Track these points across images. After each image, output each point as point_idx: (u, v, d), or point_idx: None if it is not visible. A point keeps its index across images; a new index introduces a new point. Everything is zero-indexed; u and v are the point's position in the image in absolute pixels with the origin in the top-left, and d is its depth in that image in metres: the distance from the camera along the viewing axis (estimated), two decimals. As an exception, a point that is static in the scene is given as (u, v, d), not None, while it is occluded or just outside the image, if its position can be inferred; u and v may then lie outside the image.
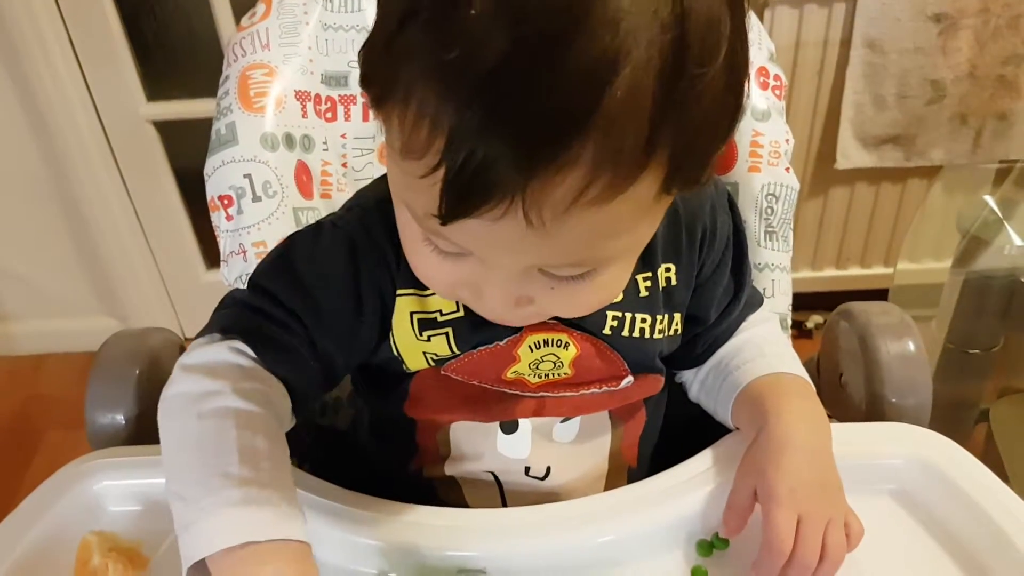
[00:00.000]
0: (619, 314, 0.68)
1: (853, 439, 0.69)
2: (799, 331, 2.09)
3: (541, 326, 0.66)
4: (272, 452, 0.57)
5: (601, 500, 0.68)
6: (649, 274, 0.68)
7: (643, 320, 0.69)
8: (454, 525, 0.65)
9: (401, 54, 0.44)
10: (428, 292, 0.65)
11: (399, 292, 0.66)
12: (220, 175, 0.85)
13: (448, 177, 0.43)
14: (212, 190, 0.86)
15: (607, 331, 0.68)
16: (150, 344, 0.86)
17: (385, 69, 0.46)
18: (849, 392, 0.84)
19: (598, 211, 0.45)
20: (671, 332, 0.72)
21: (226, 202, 0.85)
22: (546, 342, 0.67)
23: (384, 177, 0.69)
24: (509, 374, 0.68)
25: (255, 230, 0.85)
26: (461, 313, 0.66)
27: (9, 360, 2.28)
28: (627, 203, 0.46)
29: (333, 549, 0.64)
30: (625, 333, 0.69)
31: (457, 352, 0.67)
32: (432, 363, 0.68)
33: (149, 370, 0.83)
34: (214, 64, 0.93)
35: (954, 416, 1.44)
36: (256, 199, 0.85)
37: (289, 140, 0.87)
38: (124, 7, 1.84)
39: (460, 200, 0.44)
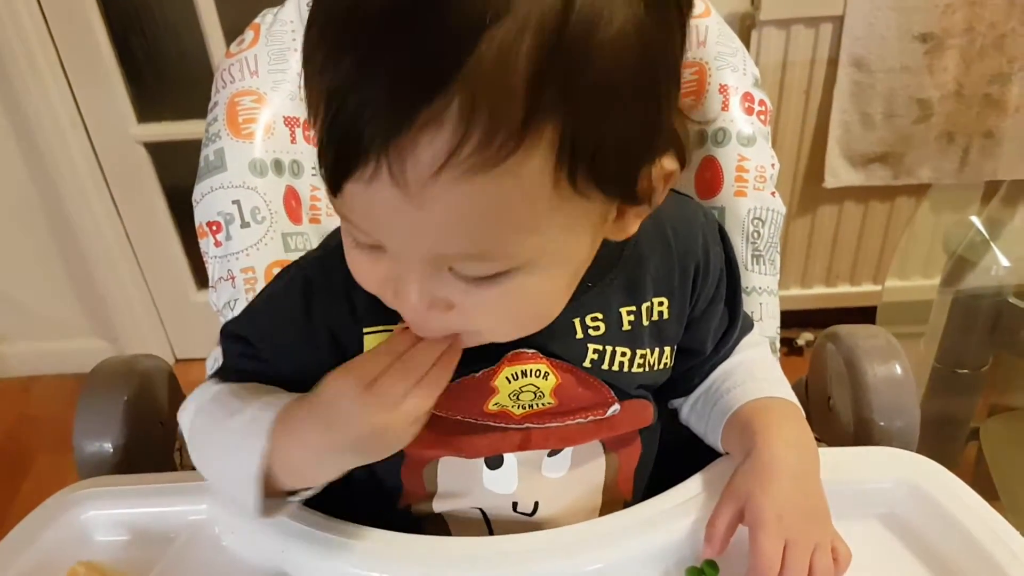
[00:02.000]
0: (600, 347, 0.67)
1: (841, 463, 0.70)
2: (789, 348, 2.09)
3: (518, 357, 0.65)
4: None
5: (590, 527, 0.67)
6: (633, 308, 0.68)
7: (623, 354, 0.68)
8: (446, 555, 0.65)
9: (309, 24, 0.45)
10: (399, 326, 0.64)
11: (366, 331, 0.65)
12: (208, 201, 0.85)
13: (324, 132, 0.43)
14: (201, 216, 0.86)
15: (587, 364, 0.67)
16: (139, 371, 0.86)
17: (303, 45, 0.47)
18: (837, 415, 0.85)
19: (474, 184, 0.43)
20: (660, 366, 0.72)
21: (215, 228, 0.85)
22: (524, 373, 0.66)
23: None
24: (491, 406, 0.67)
25: (244, 256, 0.85)
26: None
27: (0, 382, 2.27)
28: (512, 183, 0.44)
29: (321, 578, 0.64)
30: (605, 367, 0.68)
31: None
32: None
33: (137, 398, 0.83)
34: (205, 85, 0.93)
35: (944, 435, 1.45)
36: (245, 225, 0.85)
37: (278, 166, 0.88)
38: (114, 28, 1.84)
39: (335, 159, 0.44)
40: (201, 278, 2.20)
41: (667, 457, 0.78)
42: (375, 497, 0.74)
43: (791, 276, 2.09)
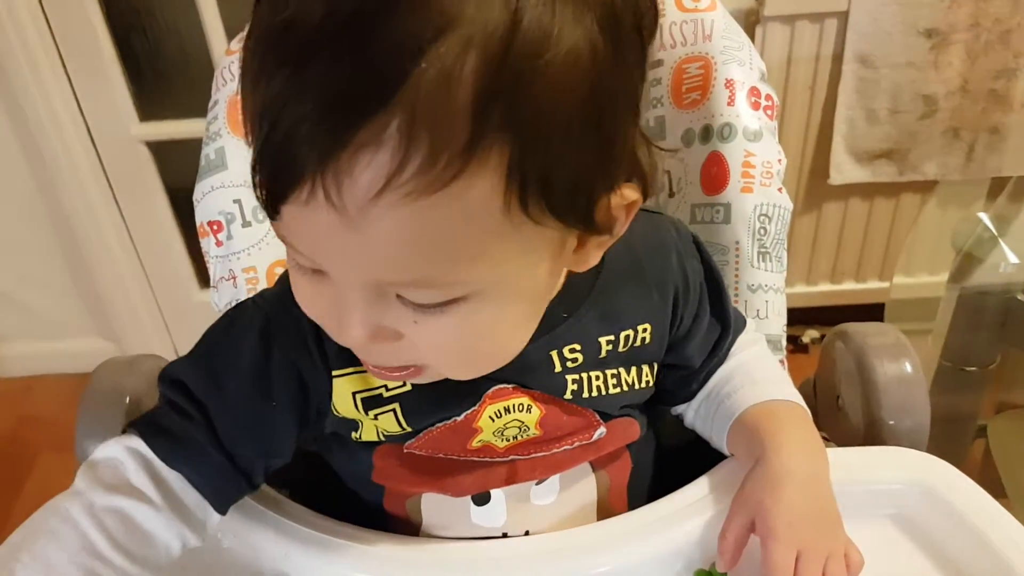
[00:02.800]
0: (578, 376, 0.66)
1: (851, 463, 0.69)
2: (795, 346, 2.08)
3: (500, 393, 0.64)
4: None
5: (596, 530, 0.67)
6: (612, 336, 0.66)
7: (597, 377, 0.67)
8: (448, 558, 0.65)
9: (249, 34, 0.43)
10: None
11: (335, 374, 0.62)
12: (209, 201, 0.85)
13: (257, 151, 0.41)
14: (201, 216, 0.86)
15: (568, 396, 0.66)
16: (141, 372, 0.85)
17: (240, 57, 0.44)
18: (846, 414, 0.84)
19: (416, 208, 0.41)
20: (641, 384, 0.70)
21: (216, 228, 0.85)
22: (507, 409, 0.64)
23: None
24: (474, 444, 0.65)
25: (245, 255, 0.85)
26: (408, 387, 0.62)
27: (1, 382, 2.26)
28: (458, 207, 0.42)
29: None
30: (585, 395, 0.66)
31: (408, 429, 0.64)
32: (384, 438, 0.65)
33: (139, 397, 0.82)
34: (207, 84, 0.92)
35: (951, 432, 1.44)
36: (246, 224, 0.85)
37: (279, 165, 0.87)
38: (115, 27, 1.83)
39: (270, 177, 0.42)
40: (204, 277, 2.20)
41: (672, 460, 0.77)
42: (362, 508, 0.72)
43: (796, 273, 2.08)
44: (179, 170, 1.99)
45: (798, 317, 1.36)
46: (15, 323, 2.23)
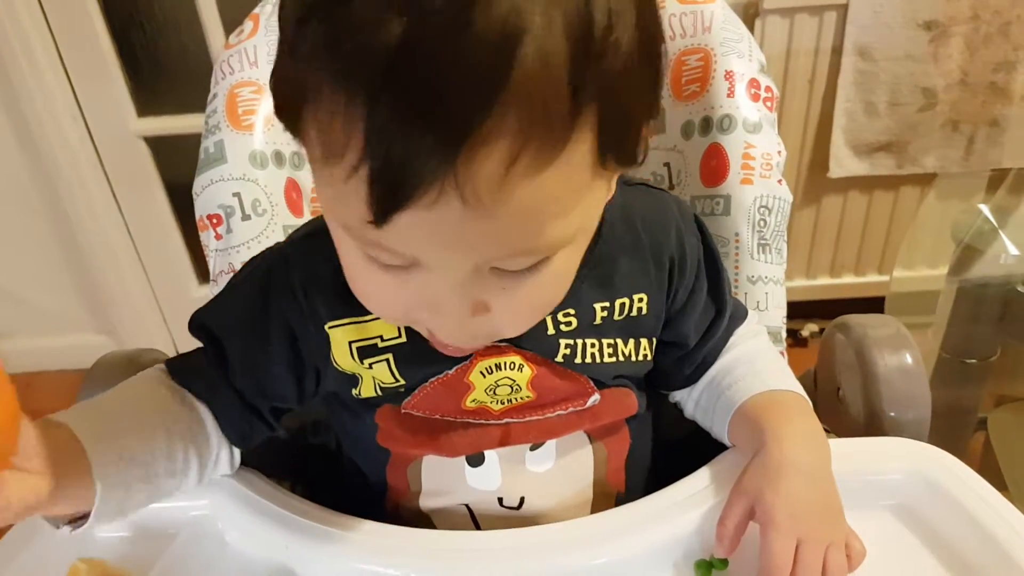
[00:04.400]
0: (571, 341, 0.67)
1: (852, 455, 0.69)
2: (795, 340, 2.09)
3: (491, 350, 0.65)
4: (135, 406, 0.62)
5: (595, 521, 0.67)
6: (607, 304, 0.67)
7: (592, 345, 0.68)
8: (447, 548, 0.65)
9: (303, 58, 0.43)
10: (369, 318, 0.63)
11: (329, 326, 0.64)
12: (209, 194, 0.85)
13: (373, 170, 0.42)
14: (201, 209, 0.86)
15: (560, 359, 0.67)
16: (140, 365, 0.84)
17: (294, 78, 0.45)
18: (847, 406, 0.84)
19: (534, 182, 0.43)
20: (639, 357, 0.71)
21: (215, 221, 0.85)
22: (498, 366, 0.65)
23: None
24: (468, 403, 0.67)
25: (245, 249, 0.84)
26: (403, 339, 0.64)
27: (1, 378, 2.26)
28: (563, 172, 0.44)
29: (323, 571, 0.63)
30: (578, 360, 0.67)
31: (402, 380, 0.66)
32: (380, 391, 0.67)
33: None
34: (205, 79, 0.92)
35: (952, 425, 1.44)
36: (246, 218, 0.84)
37: (279, 157, 0.87)
38: (114, 22, 1.84)
39: (390, 193, 0.42)
40: (203, 272, 2.20)
41: (672, 451, 0.78)
42: (363, 497, 0.74)
43: (796, 267, 2.09)
44: (178, 165, 1.99)
45: (797, 311, 1.36)
46: (14, 319, 2.23)
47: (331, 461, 0.87)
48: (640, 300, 0.68)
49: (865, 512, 0.64)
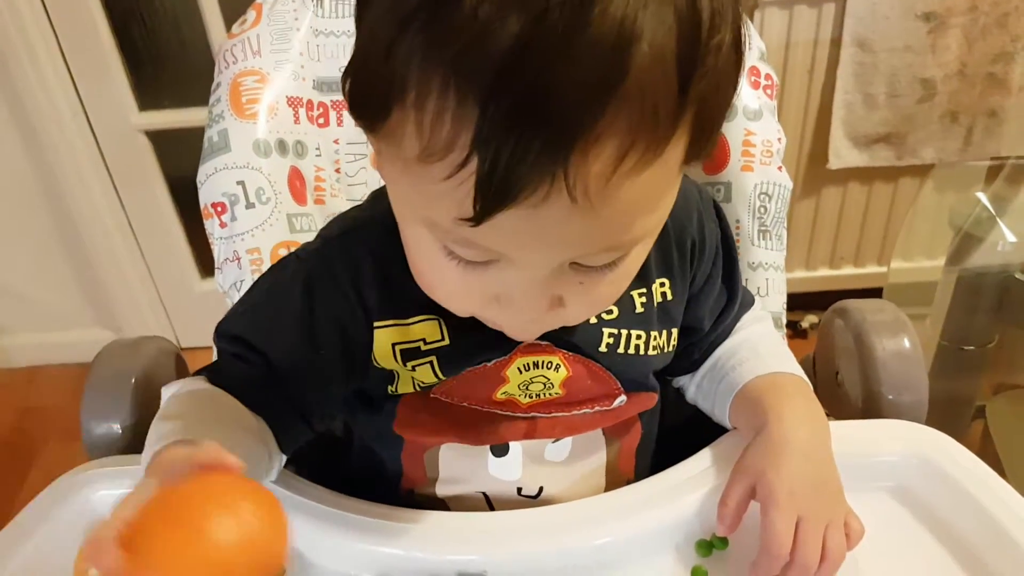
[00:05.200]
0: (615, 331, 0.67)
1: (851, 437, 0.69)
2: (794, 331, 2.09)
3: (532, 348, 0.65)
4: (227, 410, 0.60)
5: (600, 502, 0.68)
6: (644, 289, 0.68)
7: (638, 337, 0.68)
8: (454, 529, 0.65)
9: (407, 56, 0.43)
10: (410, 320, 0.64)
11: (376, 325, 0.64)
12: (213, 182, 0.85)
13: (482, 170, 0.41)
14: (205, 198, 0.86)
15: (603, 348, 0.67)
16: (145, 353, 0.86)
17: (390, 76, 0.44)
18: (846, 390, 0.84)
19: (637, 180, 0.44)
20: (669, 348, 0.72)
21: (219, 209, 0.85)
22: (536, 364, 0.66)
23: (354, 208, 0.69)
24: (499, 395, 0.67)
25: (249, 237, 0.85)
26: (446, 341, 0.64)
27: (4, 373, 2.27)
28: (661, 171, 0.45)
29: (331, 555, 0.64)
30: (620, 350, 0.68)
31: (444, 378, 0.66)
32: (419, 388, 0.67)
33: (144, 379, 0.83)
34: (206, 73, 0.93)
35: (950, 413, 1.44)
36: (250, 206, 0.85)
37: (282, 146, 0.88)
38: (114, 17, 1.84)
39: (498, 192, 0.42)
40: (204, 266, 2.20)
41: (673, 436, 0.78)
42: (377, 481, 0.74)
43: (796, 258, 2.09)
44: (179, 159, 2.00)
45: (797, 302, 1.36)
46: (17, 314, 2.24)
47: (335, 448, 0.88)
48: (663, 285, 0.69)
49: (863, 493, 0.65)
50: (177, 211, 2.09)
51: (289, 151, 0.88)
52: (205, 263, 2.20)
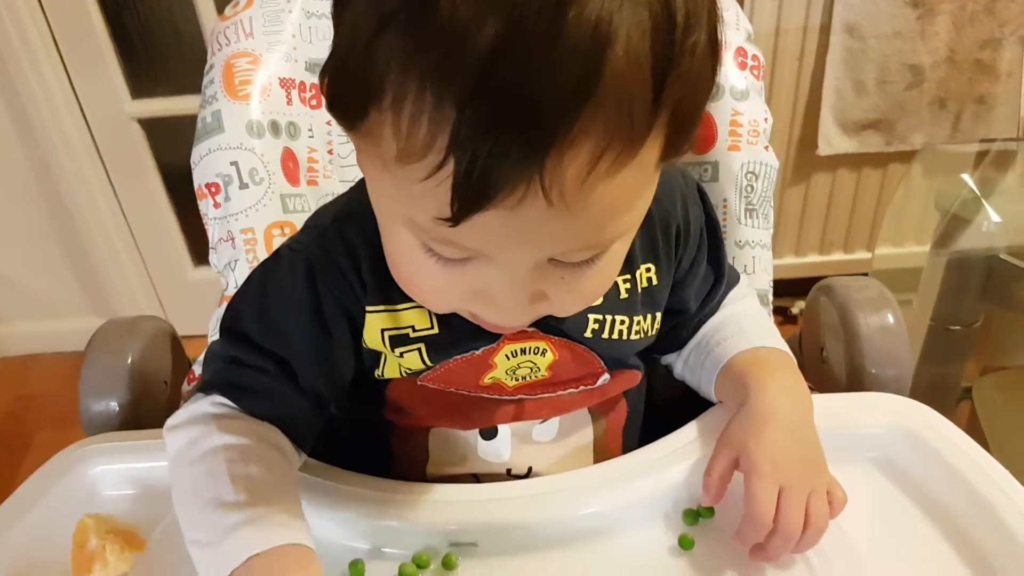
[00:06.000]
0: (600, 317, 0.68)
1: (835, 409, 0.71)
2: (784, 317, 2.10)
3: (520, 335, 0.66)
4: (264, 473, 0.58)
5: (588, 474, 0.68)
6: (628, 275, 0.69)
7: (622, 322, 0.69)
8: (446, 500, 0.66)
9: (385, 57, 0.43)
10: (400, 307, 0.64)
11: (368, 309, 0.65)
12: (207, 163, 0.86)
13: (459, 172, 0.42)
14: (199, 178, 0.87)
15: (588, 334, 0.68)
16: (142, 331, 0.87)
17: (367, 78, 0.44)
18: (831, 366, 0.86)
19: (613, 181, 0.44)
20: (652, 331, 0.73)
21: (213, 190, 0.86)
22: (523, 350, 0.67)
23: (342, 196, 0.69)
24: (486, 380, 0.68)
25: (243, 217, 0.86)
26: (435, 330, 0.65)
27: (-2, 361, 2.28)
28: (636, 171, 0.45)
29: (326, 526, 0.65)
30: (605, 335, 0.69)
31: (431, 364, 0.67)
32: (405, 375, 0.68)
33: (141, 356, 0.84)
34: (198, 61, 0.93)
35: (937, 395, 1.46)
36: (243, 186, 0.86)
37: (275, 127, 0.88)
38: (107, 5, 1.84)
39: (475, 194, 0.42)
40: (197, 255, 2.21)
41: (661, 415, 0.79)
42: (365, 463, 0.75)
43: (785, 244, 2.10)
44: (172, 147, 2.01)
45: (787, 289, 1.37)
46: (11, 303, 2.24)
47: (329, 423, 0.89)
48: (648, 270, 0.70)
49: (848, 464, 0.66)
50: (170, 199, 2.10)
51: (282, 132, 0.89)
52: (198, 251, 2.21)
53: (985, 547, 0.62)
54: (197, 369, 0.92)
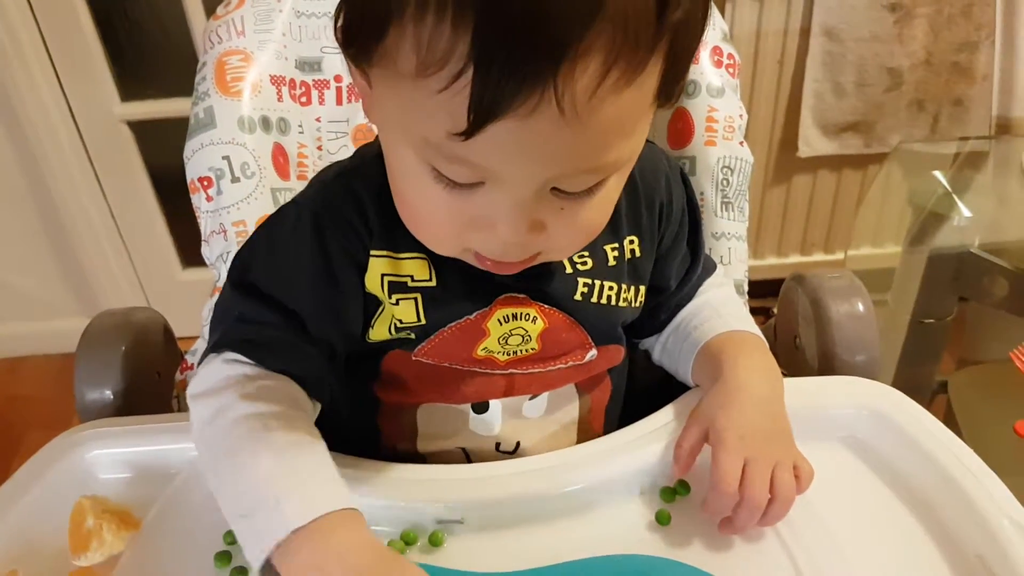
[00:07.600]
0: (589, 281, 0.71)
1: (805, 390, 0.74)
2: (766, 317, 2.10)
3: (510, 300, 0.68)
4: (295, 437, 0.58)
5: (571, 452, 0.71)
6: (616, 244, 0.72)
7: (610, 288, 0.72)
8: (432, 479, 0.68)
9: None
10: (403, 255, 0.66)
11: (372, 252, 0.66)
12: (199, 157, 0.88)
13: (477, 77, 0.45)
14: (192, 172, 0.89)
15: (578, 297, 0.70)
16: (135, 321, 0.89)
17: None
18: (803, 352, 0.89)
19: (619, 98, 0.47)
20: (636, 303, 0.76)
21: (206, 183, 0.88)
22: (515, 316, 0.69)
23: (341, 160, 0.71)
24: (479, 351, 0.70)
25: (235, 210, 0.88)
26: (433, 283, 0.67)
27: (-13, 363, 2.28)
28: (637, 94, 0.49)
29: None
30: (594, 300, 0.71)
31: (423, 321, 0.68)
32: (395, 331, 0.69)
33: (135, 346, 0.86)
34: (187, 63, 0.96)
35: (912, 388, 1.48)
36: (235, 180, 0.88)
37: (266, 123, 0.91)
38: (97, 8, 1.85)
39: (491, 103, 0.45)
40: (186, 256, 2.22)
41: (641, 401, 0.81)
42: (354, 438, 0.75)
43: (767, 245, 2.12)
44: (161, 150, 2.01)
45: (768, 289, 1.39)
46: (0, 304, 2.24)
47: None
48: (632, 242, 0.73)
49: (817, 443, 0.69)
50: (159, 201, 2.11)
51: (273, 128, 0.91)
52: (186, 252, 2.22)
53: (948, 518, 0.65)
54: (190, 359, 0.94)
